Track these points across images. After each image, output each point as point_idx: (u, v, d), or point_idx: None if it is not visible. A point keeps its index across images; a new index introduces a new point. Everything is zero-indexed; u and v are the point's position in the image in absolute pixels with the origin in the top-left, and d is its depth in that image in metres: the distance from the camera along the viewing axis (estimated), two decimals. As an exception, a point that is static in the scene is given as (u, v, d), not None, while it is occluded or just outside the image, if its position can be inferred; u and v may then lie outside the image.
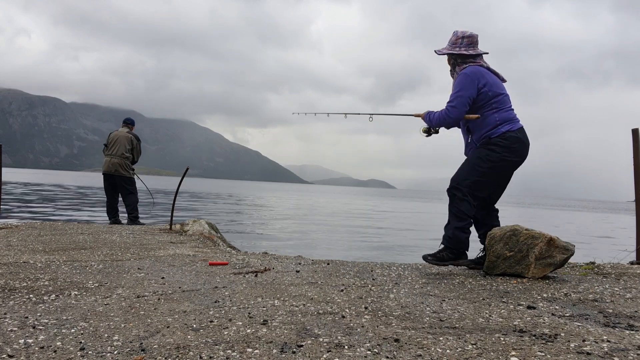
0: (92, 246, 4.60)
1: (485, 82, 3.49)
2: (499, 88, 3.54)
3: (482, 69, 3.55)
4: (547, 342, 1.83)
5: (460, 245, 3.45)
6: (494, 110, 3.51)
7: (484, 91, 3.50)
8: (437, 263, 3.48)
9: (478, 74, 3.50)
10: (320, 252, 8.85)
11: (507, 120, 3.50)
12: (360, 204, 36.51)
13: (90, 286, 2.79)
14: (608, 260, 4.34)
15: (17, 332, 1.88)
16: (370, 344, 1.78)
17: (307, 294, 2.65)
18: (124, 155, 8.09)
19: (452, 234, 3.45)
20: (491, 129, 3.49)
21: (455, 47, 3.60)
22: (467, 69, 3.53)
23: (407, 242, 11.80)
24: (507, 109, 3.54)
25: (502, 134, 3.45)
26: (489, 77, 3.53)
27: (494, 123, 3.50)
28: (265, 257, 4.36)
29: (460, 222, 3.44)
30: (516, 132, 3.46)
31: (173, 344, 1.75)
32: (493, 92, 3.51)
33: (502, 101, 3.52)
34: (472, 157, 3.57)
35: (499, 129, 3.48)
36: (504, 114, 3.50)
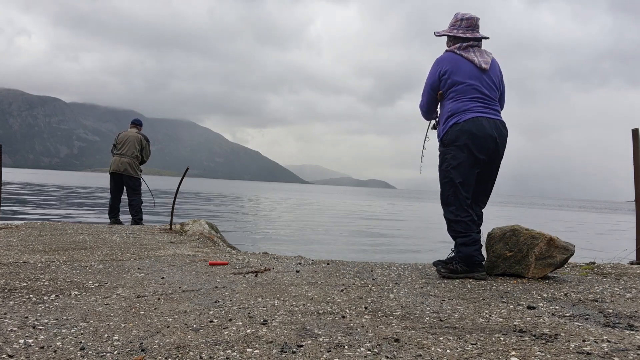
0: (92, 246, 4.60)
1: (447, 69, 3.34)
2: (462, 76, 3.33)
3: (453, 56, 3.39)
4: (547, 342, 1.83)
5: (470, 259, 3.24)
6: (450, 100, 3.35)
7: (444, 79, 3.36)
8: (450, 276, 3.27)
9: (444, 61, 3.38)
10: (320, 252, 8.85)
11: (458, 112, 3.29)
12: (361, 204, 36.51)
13: (90, 286, 2.79)
14: (608, 260, 4.34)
15: (17, 332, 1.88)
16: (370, 344, 1.78)
17: (307, 294, 2.65)
18: (135, 155, 8.11)
19: (458, 250, 3.31)
20: (443, 122, 3.39)
21: (454, 29, 3.46)
22: (439, 57, 3.44)
23: (407, 242, 11.80)
24: (465, 99, 3.30)
25: (448, 129, 3.31)
26: (454, 63, 3.35)
27: (445, 115, 3.37)
28: (265, 257, 4.36)
29: (462, 239, 3.27)
30: (463, 124, 3.24)
31: (173, 344, 1.75)
32: (452, 80, 3.33)
33: (461, 91, 3.31)
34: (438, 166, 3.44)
35: (448, 122, 3.33)
36: (456, 104, 3.31)
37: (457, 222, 3.30)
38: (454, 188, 3.30)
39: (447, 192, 3.34)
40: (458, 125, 3.26)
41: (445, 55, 3.43)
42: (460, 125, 3.26)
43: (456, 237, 3.31)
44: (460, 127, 3.25)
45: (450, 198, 3.32)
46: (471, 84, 3.32)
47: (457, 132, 3.26)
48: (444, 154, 3.37)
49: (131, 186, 8.13)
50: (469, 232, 3.27)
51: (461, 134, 3.25)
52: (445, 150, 3.36)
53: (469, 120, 3.25)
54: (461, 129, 3.25)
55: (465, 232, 3.27)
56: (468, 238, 3.25)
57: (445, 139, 3.35)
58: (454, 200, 3.31)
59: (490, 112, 3.32)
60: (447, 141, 3.33)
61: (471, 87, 3.32)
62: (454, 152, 3.29)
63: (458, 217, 3.29)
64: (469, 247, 3.24)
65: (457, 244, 3.30)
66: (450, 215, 3.34)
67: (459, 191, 3.29)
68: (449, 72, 3.34)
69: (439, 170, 3.41)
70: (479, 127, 3.23)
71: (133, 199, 8.14)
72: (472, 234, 3.27)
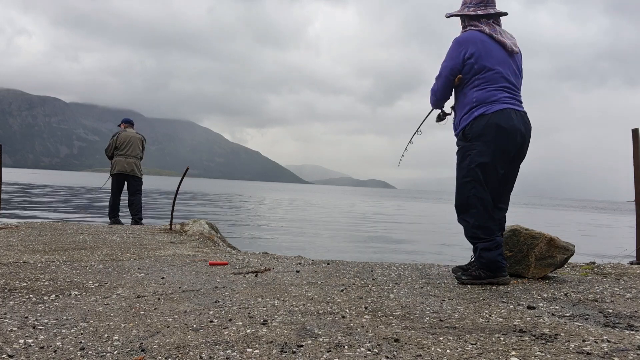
0: (92, 246, 4.60)
1: (473, 52, 2.96)
2: (490, 61, 2.96)
3: (479, 35, 2.99)
4: (547, 342, 1.83)
5: (494, 264, 2.98)
6: (475, 88, 2.98)
7: (469, 63, 2.98)
8: (474, 282, 3.03)
9: (468, 41, 2.99)
10: (320, 252, 8.85)
11: (484, 101, 2.94)
12: (361, 204, 36.52)
13: (90, 286, 2.79)
14: (608, 260, 4.34)
15: (17, 332, 1.88)
16: (370, 344, 1.78)
17: (307, 294, 2.65)
18: (139, 155, 8.25)
19: (479, 255, 3.02)
20: (465, 112, 3.02)
21: (464, 8, 3.10)
22: (460, 35, 3.05)
23: (407, 242, 11.80)
24: (493, 88, 2.95)
25: (473, 120, 2.96)
26: (483, 46, 2.97)
27: (469, 104, 3.00)
28: (265, 257, 4.36)
29: (484, 243, 2.99)
30: (491, 116, 2.90)
31: (173, 344, 1.75)
32: (480, 65, 2.96)
33: (489, 78, 2.96)
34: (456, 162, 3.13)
35: (472, 112, 2.97)
36: (483, 94, 2.95)
37: (478, 226, 2.99)
38: (477, 188, 2.98)
39: (468, 192, 3.02)
40: (485, 118, 2.92)
41: (470, 34, 3.01)
42: (487, 118, 2.91)
43: (477, 242, 3.03)
44: (487, 119, 2.91)
45: (472, 199, 3.00)
46: (500, 71, 2.97)
47: (484, 125, 2.91)
48: (467, 149, 3.01)
49: (135, 186, 8.21)
50: (491, 236, 2.99)
51: (489, 127, 2.90)
52: (469, 145, 3.00)
53: (498, 112, 2.90)
54: (489, 121, 2.90)
55: (488, 236, 2.99)
56: (491, 242, 2.98)
57: (468, 132, 2.99)
58: (476, 201, 2.99)
59: (516, 103, 3.00)
60: (471, 135, 2.98)
61: (500, 75, 2.97)
62: (480, 147, 2.94)
63: (480, 222, 2.99)
64: (492, 251, 2.97)
65: (479, 249, 3.01)
66: (470, 219, 3.03)
67: (483, 191, 2.98)
68: (477, 55, 2.95)
69: (458, 167, 3.08)
70: (508, 120, 2.90)
71: (135, 198, 8.20)
72: (496, 238, 3.00)
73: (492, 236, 2.99)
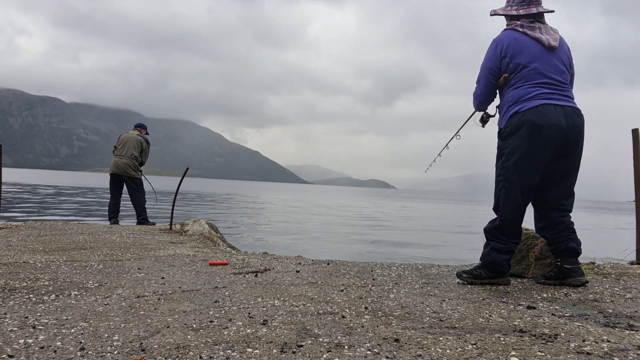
0: (92, 246, 4.60)
1: (508, 50, 2.94)
2: (526, 58, 2.92)
3: (515, 34, 2.97)
4: (547, 342, 1.83)
5: (495, 266, 2.96)
6: (511, 87, 2.96)
7: (505, 62, 2.96)
8: (474, 281, 3.02)
9: (503, 40, 2.97)
10: (320, 252, 8.85)
11: (520, 99, 2.90)
12: (361, 204, 36.51)
13: (90, 286, 2.79)
14: (608, 260, 4.34)
15: (17, 332, 1.88)
16: (370, 344, 1.78)
17: (307, 294, 2.65)
18: (133, 155, 8.24)
19: (488, 252, 2.98)
20: (504, 112, 3.01)
21: (507, 7, 3.07)
22: (499, 35, 3.03)
23: (407, 242, 11.80)
24: (529, 85, 2.90)
25: (509, 118, 2.93)
26: (517, 43, 2.94)
27: (506, 104, 2.98)
28: (265, 257, 4.36)
29: (497, 243, 2.96)
30: (524, 113, 2.85)
31: (173, 344, 1.75)
32: (514, 64, 2.94)
33: (524, 76, 2.91)
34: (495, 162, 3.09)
35: (508, 111, 2.95)
36: (519, 92, 2.92)
37: (499, 227, 2.95)
38: (507, 188, 2.93)
39: (499, 191, 2.99)
40: (518, 115, 2.87)
41: (505, 33, 3.01)
42: (520, 115, 2.86)
43: (491, 240, 2.99)
44: (520, 116, 2.86)
45: (501, 199, 2.97)
46: (536, 68, 2.91)
47: (517, 123, 2.87)
48: (501, 147, 3.00)
49: (132, 186, 8.24)
50: (508, 240, 2.94)
51: (522, 124, 2.85)
52: (503, 143, 2.99)
53: (532, 109, 2.84)
54: (522, 118, 2.86)
55: (505, 238, 2.94)
56: (504, 245, 2.94)
57: (504, 131, 2.98)
58: (504, 201, 2.95)
59: (559, 98, 2.89)
60: (505, 133, 2.95)
61: (536, 72, 2.90)
62: (513, 145, 2.89)
63: (503, 222, 2.94)
64: (500, 254, 2.93)
65: (490, 246, 2.98)
66: (497, 218, 2.99)
67: (514, 191, 2.91)
68: (511, 53, 2.93)
69: (495, 166, 3.06)
70: (543, 116, 2.81)
71: (136, 196, 8.25)
72: (511, 244, 2.95)
73: (508, 240, 2.94)
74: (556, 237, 3.00)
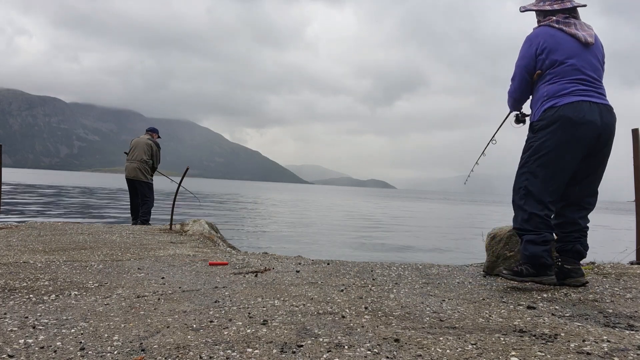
0: (92, 246, 4.60)
1: (544, 47, 2.89)
2: (562, 54, 2.88)
3: (550, 30, 2.92)
4: (547, 342, 1.83)
5: (535, 259, 2.84)
6: (547, 82, 2.91)
7: (541, 59, 2.91)
8: (514, 278, 2.90)
9: (539, 36, 2.92)
10: (321, 252, 8.85)
11: (555, 95, 2.85)
12: (361, 204, 36.51)
13: (90, 286, 2.79)
14: (608, 260, 4.34)
15: (17, 332, 1.88)
16: (370, 344, 1.78)
17: (307, 294, 2.65)
18: (143, 159, 8.48)
19: (524, 247, 2.91)
20: (537, 107, 2.95)
21: (540, 2, 3.02)
22: (531, 32, 2.99)
23: (407, 242, 11.80)
24: (565, 81, 2.86)
25: (542, 112, 2.88)
26: (552, 39, 2.89)
27: (540, 99, 2.92)
28: (265, 257, 4.36)
29: (529, 235, 2.87)
30: (560, 108, 2.81)
31: (173, 344, 1.75)
32: (550, 60, 2.88)
33: (560, 72, 2.87)
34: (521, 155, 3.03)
35: (542, 105, 2.89)
36: (554, 87, 2.87)
37: (527, 219, 2.88)
38: (530, 180, 2.88)
39: (521, 183, 2.94)
40: (553, 110, 2.83)
41: (540, 30, 2.95)
42: (556, 110, 2.82)
43: (523, 234, 2.92)
44: (555, 111, 2.82)
45: (523, 191, 2.92)
46: (573, 64, 2.87)
47: (551, 117, 2.83)
48: (531, 140, 2.95)
49: (141, 191, 8.51)
50: (540, 230, 2.86)
51: (556, 119, 2.80)
52: (533, 136, 2.93)
53: (569, 104, 2.80)
54: (556, 113, 2.81)
55: (536, 229, 2.86)
56: (538, 236, 2.85)
57: (535, 125, 2.93)
58: (525, 193, 2.90)
59: (595, 95, 2.86)
60: (537, 127, 2.91)
61: (573, 68, 2.86)
62: (544, 139, 2.85)
63: (529, 214, 2.87)
64: (537, 245, 2.83)
65: (524, 242, 2.91)
66: (520, 211, 2.93)
67: (536, 185, 2.87)
68: (547, 50, 2.89)
69: (521, 158, 3.01)
70: (578, 113, 2.78)
71: (144, 202, 8.54)
72: (545, 233, 2.85)
73: (540, 230, 2.85)
74: (565, 236, 2.99)
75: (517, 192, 2.97)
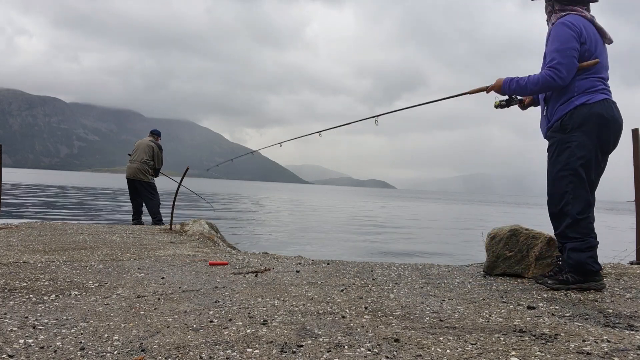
0: (92, 246, 4.60)
1: (586, 37, 2.79)
2: (595, 49, 2.82)
3: (584, 21, 2.83)
4: (547, 342, 1.83)
5: (580, 266, 2.77)
6: (577, 76, 2.81)
7: (585, 48, 2.80)
8: (560, 287, 2.83)
9: (577, 25, 2.79)
10: (321, 252, 8.85)
11: (587, 90, 2.78)
12: (361, 204, 36.52)
13: (90, 286, 2.79)
14: (608, 260, 4.34)
15: (17, 332, 1.88)
16: (370, 344, 1.78)
17: (307, 294, 2.65)
18: (144, 160, 8.58)
19: (567, 255, 2.83)
20: (565, 101, 2.83)
21: None
22: (567, 17, 2.84)
23: (407, 242, 11.80)
24: (595, 77, 2.81)
25: (574, 109, 2.78)
26: (588, 31, 2.81)
27: (570, 93, 2.82)
28: (265, 257, 4.36)
29: (572, 242, 2.80)
30: (594, 105, 2.74)
31: (173, 344, 1.75)
32: (590, 53, 2.80)
33: (592, 67, 2.81)
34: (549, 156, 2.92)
35: (573, 101, 2.79)
36: (586, 82, 2.79)
37: (572, 224, 2.78)
38: (575, 183, 2.78)
39: (565, 187, 2.80)
40: (587, 107, 2.74)
41: (577, 18, 2.82)
42: (590, 107, 2.74)
43: (566, 242, 2.84)
44: (589, 108, 2.74)
45: (569, 196, 2.79)
46: (601, 61, 2.83)
47: (585, 115, 2.74)
48: (565, 140, 2.82)
49: (143, 191, 8.57)
50: (585, 237, 2.77)
51: (592, 117, 2.73)
52: (567, 136, 2.81)
53: (600, 102, 2.75)
54: (591, 110, 2.73)
55: (581, 236, 2.77)
56: (582, 242, 2.76)
57: (567, 122, 2.80)
58: (573, 198, 2.78)
59: (610, 94, 2.85)
60: (570, 125, 2.79)
61: (601, 65, 2.82)
62: (581, 138, 2.75)
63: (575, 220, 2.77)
64: (581, 252, 2.76)
65: (567, 249, 2.83)
66: (564, 217, 2.82)
67: (582, 187, 2.78)
68: (588, 41, 2.79)
69: (554, 161, 2.86)
70: (610, 111, 2.75)
71: (147, 203, 8.60)
72: (588, 239, 2.78)
73: (585, 236, 2.78)
74: None
75: (560, 198, 2.84)
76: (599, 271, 2.80)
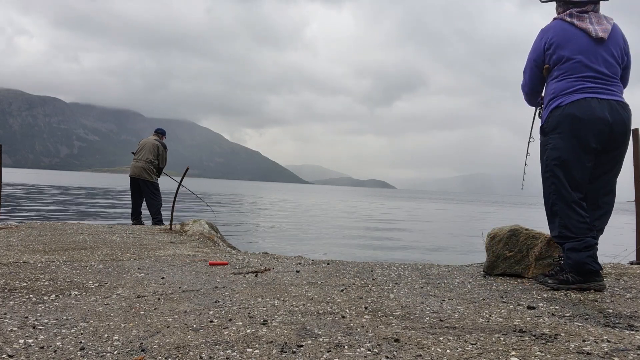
0: (92, 246, 4.60)
1: (552, 42, 2.85)
2: (570, 50, 2.82)
3: (561, 24, 2.88)
4: (547, 342, 1.83)
5: (580, 266, 2.77)
6: (555, 79, 2.88)
7: (548, 54, 2.88)
8: (559, 287, 2.84)
9: (549, 30, 2.89)
10: (321, 252, 8.85)
11: (562, 93, 2.82)
12: (361, 204, 36.52)
13: (90, 286, 2.79)
14: (608, 260, 4.34)
15: (17, 332, 1.88)
16: (370, 344, 1.78)
17: (307, 294, 2.65)
18: (149, 159, 8.53)
19: (567, 256, 2.85)
20: (547, 104, 2.91)
21: None
22: (545, 26, 2.96)
23: (407, 242, 11.80)
24: (573, 78, 2.81)
25: (550, 112, 2.85)
26: (562, 34, 2.84)
27: (548, 97, 2.90)
28: (265, 257, 4.36)
29: (569, 243, 2.81)
30: (566, 107, 2.78)
31: (173, 344, 1.75)
32: (558, 56, 2.84)
33: (568, 68, 2.83)
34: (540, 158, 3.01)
35: (550, 105, 2.87)
36: (562, 85, 2.83)
37: (563, 225, 2.82)
38: (555, 184, 2.85)
39: (548, 188, 2.90)
40: (559, 109, 2.81)
41: (552, 23, 2.93)
42: (562, 109, 2.79)
43: (564, 242, 2.85)
44: (561, 110, 2.80)
45: (553, 196, 2.87)
46: (581, 60, 2.81)
47: (558, 117, 2.81)
48: (544, 143, 2.93)
49: (146, 190, 8.52)
50: (579, 236, 2.78)
51: (563, 119, 2.78)
52: (546, 139, 2.92)
53: (574, 102, 2.77)
54: (562, 113, 2.79)
55: (576, 235, 2.79)
56: (579, 242, 2.78)
57: (545, 126, 2.91)
58: (556, 198, 2.85)
59: (604, 91, 2.80)
60: (547, 128, 2.89)
61: (581, 64, 2.81)
62: (555, 140, 2.84)
63: (564, 220, 2.82)
64: (580, 252, 2.76)
65: (565, 250, 2.85)
66: (554, 217, 2.88)
67: (563, 187, 2.82)
68: (555, 45, 2.85)
69: (541, 164, 2.98)
70: (586, 110, 2.74)
71: (150, 202, 8.54)
72: (585, 238, 2.78)
73: (580, 236, 2.78)
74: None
75: (548, 198, 2.91)
76: (599, 271, 2.80)
